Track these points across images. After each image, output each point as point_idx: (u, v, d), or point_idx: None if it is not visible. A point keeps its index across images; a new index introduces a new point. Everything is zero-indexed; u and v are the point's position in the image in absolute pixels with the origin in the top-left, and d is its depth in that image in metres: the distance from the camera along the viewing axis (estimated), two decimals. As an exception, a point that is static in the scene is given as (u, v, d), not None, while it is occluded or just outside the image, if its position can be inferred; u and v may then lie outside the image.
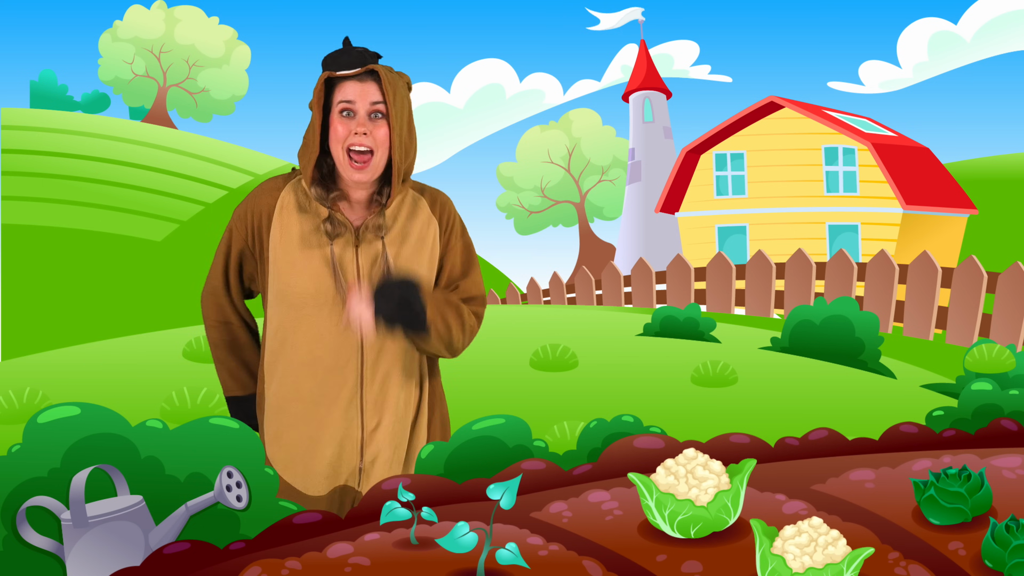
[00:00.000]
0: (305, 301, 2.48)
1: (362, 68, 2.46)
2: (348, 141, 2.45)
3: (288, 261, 2.50)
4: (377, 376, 2.51)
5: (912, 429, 2.27)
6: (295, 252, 2.50)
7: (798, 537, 1.64)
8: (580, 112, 34.37)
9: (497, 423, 2.24)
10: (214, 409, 5.36)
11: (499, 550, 1.62)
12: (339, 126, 2.46)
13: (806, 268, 13.99)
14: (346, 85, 2.46)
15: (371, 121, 2.46)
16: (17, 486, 2.21)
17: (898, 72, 47.41)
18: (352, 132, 2.45)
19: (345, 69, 2.45)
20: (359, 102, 2.45)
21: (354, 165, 2.46)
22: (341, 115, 2.46)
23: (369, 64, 2.47)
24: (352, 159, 2.46)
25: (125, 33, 31.25)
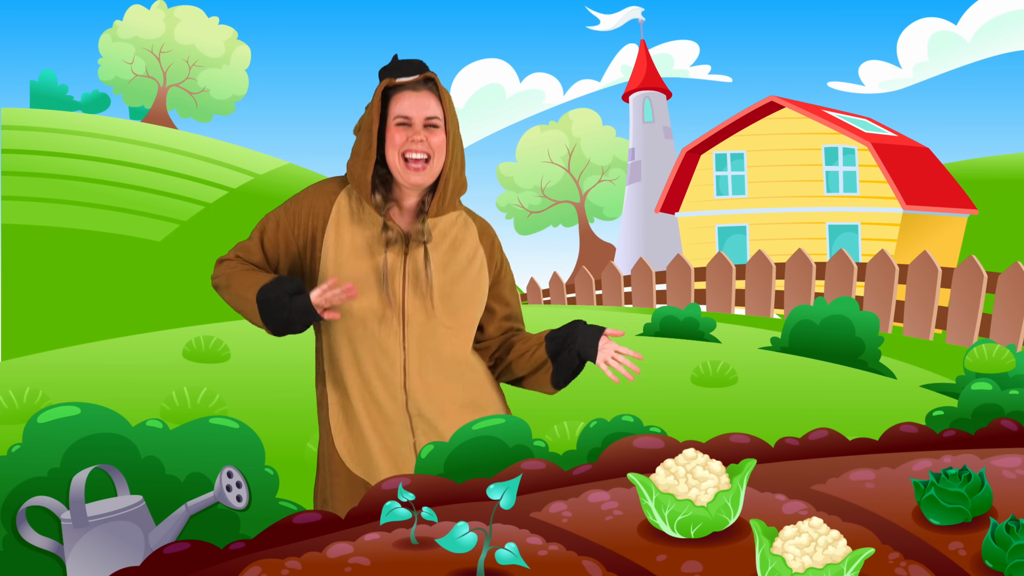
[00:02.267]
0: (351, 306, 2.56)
1: (419, 76, 2.58)
2: (404, 147, 2.55)
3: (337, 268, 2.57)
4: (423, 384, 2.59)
5: (912, 429, 2.27)
6: (347, 260, 2.58)
7: (798, 537, 1.64)
8: (580, 112, 34.36)
9: (497, 423, 2.24)
10: (214, 409, 5.36)
11: (498, 550, 1.62)
12: (396, 134, 2.56)
13: (806, 268, 13.99)
14: (402, 96, 2.58)
15: (426, 130, 2.57)
16: (17, 486, 2.22)
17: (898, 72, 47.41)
18: (409, 139, 2.55)
19: (404, 76, 2.58)
20: (415, 111, 2.57)
21: (411, 167, 2.56)
22: (397, 124, 2.57)
23: (425, 72, 2.59)
24: (409, 164, 2.55)
25: (125, 33, 31.24)
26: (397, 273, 2.58)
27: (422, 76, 2.59)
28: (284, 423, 4.99)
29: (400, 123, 2.56)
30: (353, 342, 2.57)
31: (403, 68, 2.59)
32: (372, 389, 2.57)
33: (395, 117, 2.57)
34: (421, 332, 2.57)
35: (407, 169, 2.56)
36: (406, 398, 2.57)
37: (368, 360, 2.57)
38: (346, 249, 2.59)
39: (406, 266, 2.59)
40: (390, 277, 2.56)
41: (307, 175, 24.86)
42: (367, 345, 2.56)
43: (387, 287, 2.56)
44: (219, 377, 6.14)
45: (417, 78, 2.58)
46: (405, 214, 2.63)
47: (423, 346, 2.58)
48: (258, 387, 5.86)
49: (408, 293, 2.57)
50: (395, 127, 2.57)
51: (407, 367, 2.57)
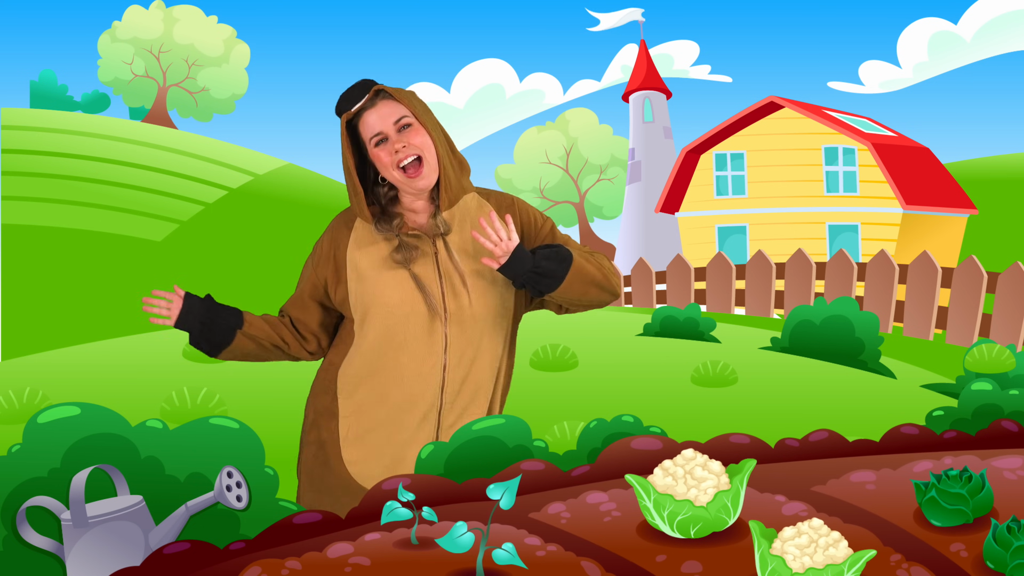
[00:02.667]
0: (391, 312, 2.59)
1: (369, 94, 2.58)
2: (394, 161, 2.56)
3: (374, 278, 2.60)
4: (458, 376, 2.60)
5: (913, 431, 2.27)
6: (381, 271, 2.60)
7: (798, 538, 1.63)
8: (576, 112, 34.31)
9: (497, 423, 2.24)
10: (214, 409, 5.36)
11: (495, 550, 1.62)
12: (381, 154, 2.57)
13: (806, 268, 13.98)
14: (365, 117, 2.59)
15: (402, 133, 2.57)
16: (17, 486, 2.21)
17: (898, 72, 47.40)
18: (391, 152, 2.56)
19: (356, 102, 2.58)
20: (383, 125, 2.57)
21: (411, 174, 2.56)
22: (377, 146, 2.58)
23: (373, 87, 2.59)
24: (407, 172, 2.56)
25: (124, 34, 31.21)
26: (431, 277, 2.59)
27: (372, 92, 2.59)
28: (284, 423, 4.98)
29: (377, 142, 2.57)
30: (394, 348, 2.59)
31: (350, 96, 2.59)
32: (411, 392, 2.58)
33: (370, 140, 2.58)
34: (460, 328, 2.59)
35: (408, 178, 2.57)
36: (442, 396, 2.59)
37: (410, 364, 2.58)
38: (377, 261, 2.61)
39: (439, 267, 2.60)
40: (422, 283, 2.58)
41: (307, 175, 24.85)
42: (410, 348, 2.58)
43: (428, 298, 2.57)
44: (219, 377, 6.14)
45: (367, 97, 2.58)
46: (421, 216, 2.65)
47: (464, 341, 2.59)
48: (258, 387, 5.86)
49: (447, 292, 2.59)
50: (375, 149, 2.58)
51: (447, 363, 2.59)
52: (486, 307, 2.61)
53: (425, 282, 2.58)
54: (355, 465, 2.63)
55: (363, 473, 2.62)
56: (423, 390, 2.59)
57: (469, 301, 2.59)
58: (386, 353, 2.59)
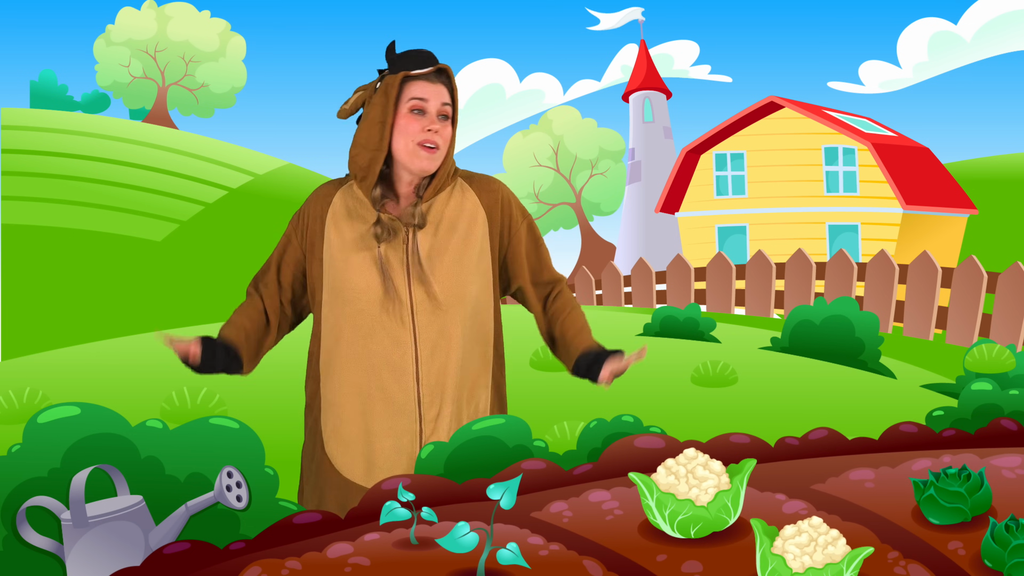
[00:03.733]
0: (358, 297, 2.55)
1: (433, 68, 2.56)
2: (419, 138, 2.54)
3: (343, 260, 2.57)
4: (434, 368, 2.56)
5: (912, 429, 2.27)
6: (349, 253, 2.57)
7: (798, 537, 1.64)
8: (558, 111, 34.21)
9: (497, 423, 2.24)
10: (214, 409, 5.36)
11: (500, 550, 1.62)
12: (412, 122, 2.54)
13: (806, 268, 13.99)
14: (417, 84, 2.55)
15: (440, 120, 2.56)
16: (17, 486, 2.22)
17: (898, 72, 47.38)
18: (424, 129, 2.53)
19: (419, 68, 2.54)
20: (432, 101, 2.54)
21: (424, 151, 2.53)
22: (411, 112, 2.54)
23: (440, 65, 2.57)
24: (422, 148, 2.54)
25: (118, 36, 31.17)
26: (397, 263, 2.55)
27: (435, 68, 2.56)
28: (284, 423, 4.99)
29: (414, 109, 2.54)
30: (362, 336, 2.55)
31: (417, 59, 2.56)
32: (382, 382, 2.55)
33: (409, 100, 2.54)
34: (430, 318, 2.55)
35: (420, 152, 2.54)
36: (418, 388, 2.55)
37: (379, 353, 2.54)
38: (346, 241, 2.58)
39: (408, 254, 2.56)
40: (387, 268, 2.54)
41: (307, 175, 24.85)
42: (377, 337, 2.54)
43: (388, 279, 2.54)
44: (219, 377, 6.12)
45: (431, 70, 2.56)
46: (401, 201, 2.61)
47: (434, 332, 2.55)
48: (258, 387, 5.85)
49: (413, 281, 2.55)
50: (408, 114, 2.54)
51: (419, 356, 2.55)
52: (456, 297, 2.57)
53: (392, 267, 2.55)
54: (336, 458, 2.61)
55: (345, 465, 2.59)
56: (396, 380, 2.54)
57: (438, 291, 2.55)
58: (355, 341, 2.56)
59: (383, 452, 2.56)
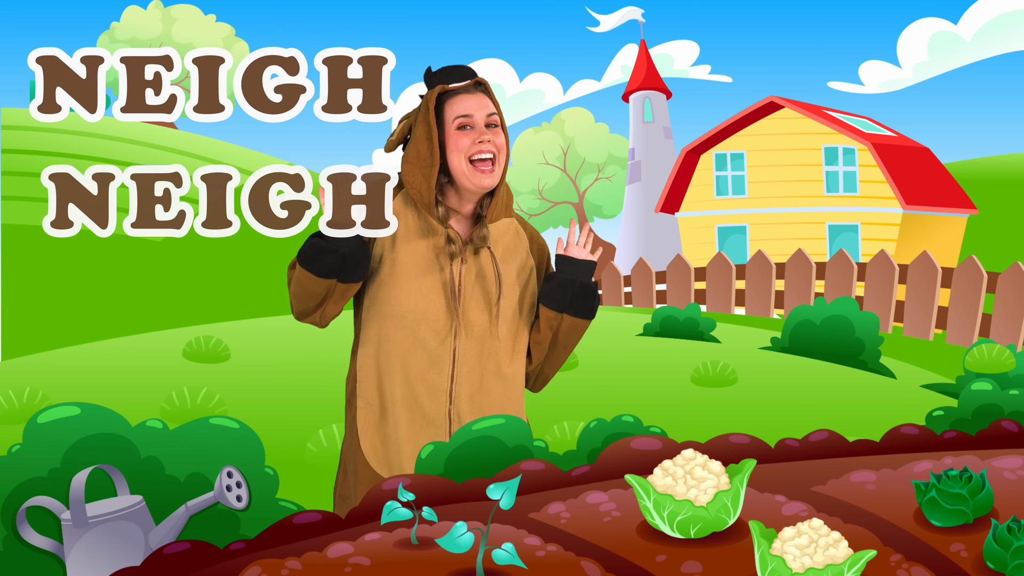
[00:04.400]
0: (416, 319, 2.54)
1: (471, 80, 2.56)
2: (471, 151, 2.52)
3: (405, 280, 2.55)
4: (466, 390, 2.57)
5: (913, 431, 2.27)
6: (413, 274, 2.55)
7: (798, 538, 1.63)
8: (572, 111, 34.26)
9: (497, 423, 2.24)
10: (214, 409, 5.36)
11: (495, 550, 1.62)
12: (460, 138, 2.53)
13: (806, 268, 13.99)
14: (459, 99, 2.55)
15: (489, 129, 2.54)
16: (17, 486, 2.22)
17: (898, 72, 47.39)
18: (475, 141, 2.52)
19: (457, 81, 2.55)
20: (477, 114, 2.53)
21: (480, 169, 2.52)
22: (459, 129, 2.53)
23: (476, 77, 2.57)
24: (476, 165, 2.52)
25: (123, 34, 31.16)
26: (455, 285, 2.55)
27: (473, 81, 2.56)
28: (284, 423, 5.00)
29: (461, 125, 2.53)
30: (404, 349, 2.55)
31: (455, 74, 2.56)
32: (416, 394, 2.55)
33: (455, 119, 2.53)
34: (475, 342, 2.56)
35: (476, 172, 2.52)
36: (449, 404, 2.56)
37: (416, 367, 2.54)
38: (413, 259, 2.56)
39: (463, 276, 2.56)
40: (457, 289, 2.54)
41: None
42: (420, 352, 2.54)
43: (456, 302, 2.54)
44: (219, 377, 6.14)
45: (469, 83, 2.56)
46: (463, 220, 2.60)
47: (474, 355, 2.56)
48: (258, 387, 5.86)
49: (465, 302, 2.55)
50: (456, 131, 2.53)
51: (455, 375, 2.55)
52: (505, 330, 2.59)
53: (451, 287, 2.55)
54: (370, 455, 2.61)
55: (377, 463, 2.60)
56: (429, 397, 2.55)
57: (489, 319, 2.56)
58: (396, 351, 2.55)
59: (406, 459, 2.56)
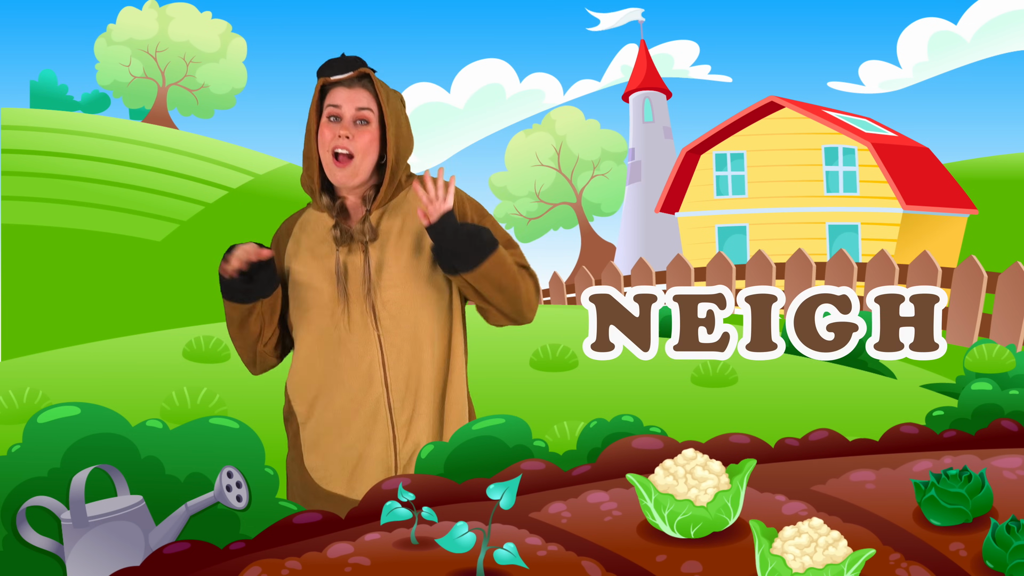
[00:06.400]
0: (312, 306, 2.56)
1: (353, 72, 2.53)
2: (332, 144, 2.52)
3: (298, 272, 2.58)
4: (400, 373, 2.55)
5: (912, 430, 2.27)
6: (305, 263, 2.58)
7: (798, 538, 1.64)
8: (561, 111, 34.19)
9: (497, 423, 2.24)
10: (214, 409, 5.36)
11: (497, 550, 1.62)
12: (326, 130, 2.53)
13: (806, 268, 13.99)
14: (336, 91, 2.54)
15: (356, 127, 2.52)
16: (17, 486, 2.22)
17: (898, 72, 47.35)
18: (335, 135, 2.51)
19: (337, 74, 2.53)
20: (345, 107, 2.52)
21: (337, 163, 2.52)
22: (328, 120, 2.53)
23: (360, 69, 2.53)
24: (336, 160, 2.52)
25: (119, 36, 31.16)
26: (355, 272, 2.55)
27: (356, 72, 2.54)
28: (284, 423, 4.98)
29: (330, 116, 2.53)
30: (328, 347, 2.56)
31: (337, 66, 2.55)
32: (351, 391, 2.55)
33: (326, 108, 2.53)
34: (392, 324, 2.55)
35: (333, 166, 2.53)
36: (388, 394, 2.55)
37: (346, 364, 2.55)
38: (303, 250, 2.59)
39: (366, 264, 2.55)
40: (344, 274, 2.54)
41: (307, 175, 24.81)
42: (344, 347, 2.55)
43: (341, 284, 2.53)
44: (219, 377, 6.13)
45: (351, 75, 2.54)
46: (353, 211, 2.61)
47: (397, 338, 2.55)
48: (258, 387, 5.85)
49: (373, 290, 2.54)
50: (326, 122, 2.53)
51: (385, 361, 2.55)
52: (416, 298, 2.56)
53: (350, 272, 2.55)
54: (315, 471, 2.61)
55: (324, 478, 2.60)
56: (365, 388, 2.55)
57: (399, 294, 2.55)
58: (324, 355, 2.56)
59: (363, 460, 2.56)
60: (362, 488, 2.55)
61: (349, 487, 2.57)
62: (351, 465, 2.57)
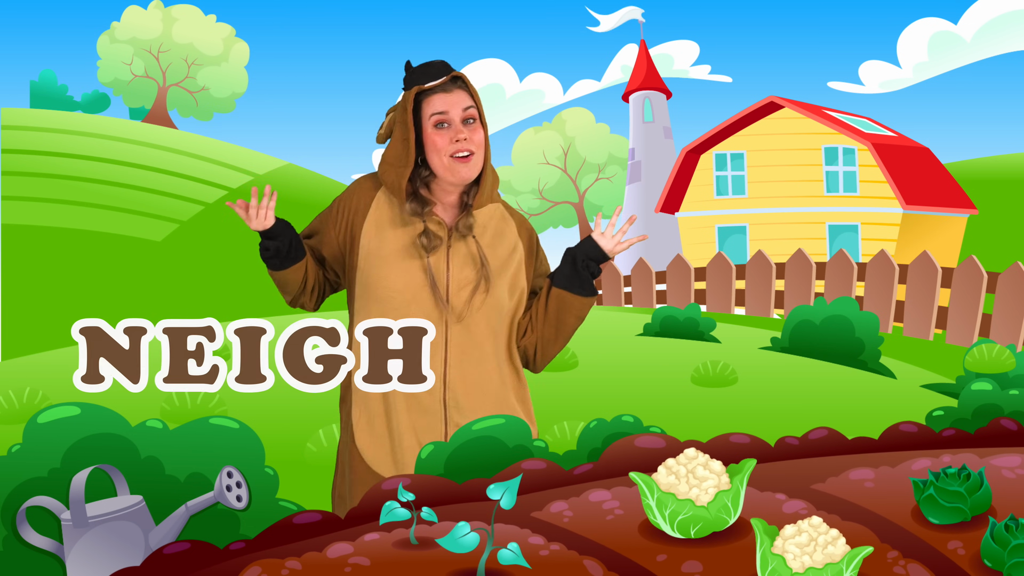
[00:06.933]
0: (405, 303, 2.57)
1: (447, 76, 2.58)
2: (449, 149, 2.55)
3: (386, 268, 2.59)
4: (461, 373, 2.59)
5: (912, 428, 2.27)
6: (393, 261, 2.59)
7: (798, 536, 1.64)
8: (573, 111, 34.24)
9: (497, 423, 2.24)
10: (214, 409, 5.36)
11: (501, 550, 1.62)
12: (437, 138, 2.55)
13: (806, 268, 13.99)
14: (435, 98, 2.57)
15: (466, 126, 2.57)
16: (17, 486, 2.22)
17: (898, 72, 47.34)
18: (452, 140, 2.55)
19: (432, 80, 2.57)
20: (452, 111, 2.56)
21: (463, 161, 2.55)
22: (436, 127, 2.56)
23: (453, 72, 2.59)
24: (457, 161, 2.55)
25: (123, 34, 31.19)
26: (441, 269, 2.59)
27: (450, 76, 2.59)
28: (284, 423, 4.99)
29: (438, 123, 2.55)
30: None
31: (430, 72, 2.58)
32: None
33: (431, 117, 2.56)
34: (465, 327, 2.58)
35: (456, 164, 2.55)
36: (444, 390, 2.58)
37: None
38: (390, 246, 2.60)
39: (450, 261, 2.59)
40: (437, 279, 2.57)
41: (307, 175, 24.84)
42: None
43: (437, 291, 2.57)
44: (219, 377, 6.12)
45: (445, 79, 2.58)
46: (448, 210, 2.64)
47: (466, 340, 2.59)
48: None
49: (452, 288, 2.58)
50: (434, 130, 2.56)
51: (447, 360, 2.58)
52: (493, 311, 2.61)
53: (436, 274, 2.58)
54: (366, 451, 2.63)
55: (373, 459, 2.61)
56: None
57: (480, 303, 2.59)
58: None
59: (408, 449, 2.58)
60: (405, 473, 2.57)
61: (395, 471, 2.59)
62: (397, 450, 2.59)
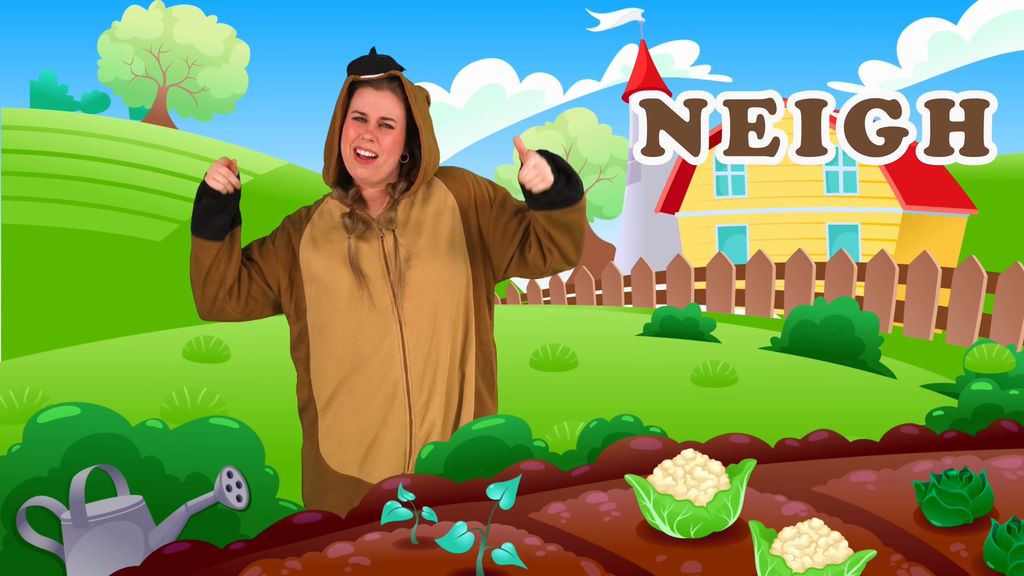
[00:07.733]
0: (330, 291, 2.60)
1: (383, 74, 2.59)
2: (355, 143, 2.58)
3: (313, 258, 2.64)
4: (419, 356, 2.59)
5: (913, 431, 2.27)
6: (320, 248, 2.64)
7: (798, 538, 1.64)
8: (576, 111, 34.25)
9: (497, 423, 2.24)
10: (214, 409, 5.36)
11: (495, 550, 1.62)
12: (350, 128, 2.59)
13: (806, 268, 13.98)
14: (364, 92, 2.60)
15: (379, 129, 2.58)
16: (17, 486, 2.22)
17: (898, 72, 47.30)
18: (360, 136, 2.58)
19: (367, 74, 2.59)
20: (371, 111, 2.58)
21: (359, 159, 2.58)
22: (353, 119, 2.59)
23: (390, 70, 2.59)
24: (358, 157, 2.58)
25: (124, 34, 31.20)
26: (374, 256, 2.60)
27: (386, 74, 2.60)
28: (284, 423, 4.98)
29: (356, 117, 2.59)
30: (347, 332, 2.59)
31: (368, 65, 2.60)
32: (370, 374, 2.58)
33: (352, 111, 2.60)
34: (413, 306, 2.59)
35: (355, 162, 2.59)
36: (406, 376, 2.59)
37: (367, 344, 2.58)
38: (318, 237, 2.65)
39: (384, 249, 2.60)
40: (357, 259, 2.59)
41: (307, 175, 24.83)
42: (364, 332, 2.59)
43: (356, 268, 2.58)
44: (219, 377, 6.14)
45: (381, 76, 2.59)
46: (372, 204, 2.66)
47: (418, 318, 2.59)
48: (258, 387, 5.86)
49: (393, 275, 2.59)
50: (351, 120, 2.59)
51: (405, 342, 2.58)
52: (438, 281, 2.61)
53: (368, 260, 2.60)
54: (331, 458, 2.64)
55: (340, 463, 2.62)
56: (384, 371, 2.58)
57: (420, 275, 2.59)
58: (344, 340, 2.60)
59: (376, 443, 2.59)
60: (376, 471, 2.59)
61: (363, 469, 2.61)
62: (366, 447, 2.60)
